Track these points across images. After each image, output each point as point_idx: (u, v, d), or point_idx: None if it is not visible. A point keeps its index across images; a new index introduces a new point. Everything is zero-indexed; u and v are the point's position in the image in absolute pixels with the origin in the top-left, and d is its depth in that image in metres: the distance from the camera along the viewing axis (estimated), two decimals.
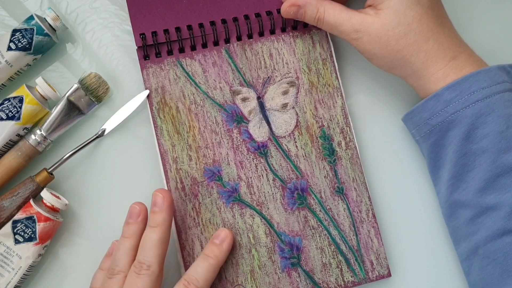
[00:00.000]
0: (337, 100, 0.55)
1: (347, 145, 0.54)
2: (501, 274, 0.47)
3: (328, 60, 0.55)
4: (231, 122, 0.53)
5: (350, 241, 0.53)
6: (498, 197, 0.47)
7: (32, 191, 0.51)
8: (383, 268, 0.53)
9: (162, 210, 0.48)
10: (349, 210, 0.53)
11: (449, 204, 0.51)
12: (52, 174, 0.52)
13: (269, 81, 0.54)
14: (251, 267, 0.52)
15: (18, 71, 0.54)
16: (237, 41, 0.54)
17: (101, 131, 0.54)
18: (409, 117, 0.53)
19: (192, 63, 0.54)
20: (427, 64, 0.50)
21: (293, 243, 0.52)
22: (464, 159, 0.49)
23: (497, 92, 0.48)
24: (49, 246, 0.53)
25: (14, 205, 0.51)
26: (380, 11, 0.50)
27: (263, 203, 0.53)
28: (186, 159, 0.53)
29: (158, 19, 0.53)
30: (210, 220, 0.52)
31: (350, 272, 0.52)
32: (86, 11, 0.57)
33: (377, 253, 0.53)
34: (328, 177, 0.53)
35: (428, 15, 0.49)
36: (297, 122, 0.54)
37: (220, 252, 0.50)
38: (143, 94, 0.54)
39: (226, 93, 0.54)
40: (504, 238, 0.47)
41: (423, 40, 0.49)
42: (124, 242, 0.48)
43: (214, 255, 0.49)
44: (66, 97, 0.53)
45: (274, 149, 0.53)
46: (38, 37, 0.53)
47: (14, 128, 0.52)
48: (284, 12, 0.53)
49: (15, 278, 0.50)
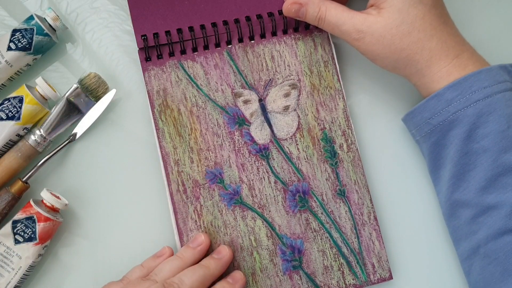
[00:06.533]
0: (338, 102, 0.55)
1: (349, 147, 0.54)
2: (502, 273, 0.47)
3: (330, 63, 0.55)
4: (232, 124, 0.53)
5: (352, 244, 0.53)
6: (499, 196, 0.48)
7: (8, 202, 0.51)
8: (385, 271, 0.53)
9: (223, 265, 0.50)
10: (350, 212, 0.53)
11: (450, 204, 0.51)
12: (27, 183, 0.52)
13: (270, 83, 0.54)
14: (253, 270, 0.52)
15: (18, 71, 0.54)
16: (239, 43, 0.54)
17: (72, 135, 0.54)
18: (409, 117, 0.53)
19: (194, 65, 0.54)
20: (431, 62, 0.50)
21: (295, 245, 0.52)
22: (465, 158, 0.49)
23: (499, 92, 0.48)
24: (49, 246, 0.53)
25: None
26: (382, 10, 0.50)
27: (264, 205, 0.53)
28: (187, 161, 0.53)
29: (160, 20, 0.53)
30: (211, 223, 0.52)
31: (351, 275, 0.52)
32: (86, 11, 0.57)
33: (378, 255, 0.53)
34: (329, 180, 0.53)
35: (431, 13, 0.50)
36: (299, 124, 0.54)
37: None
38: (110, 94, 0.54)
39: (228, 95, 0.54)
40: (505, 237, 0.47)
41: (426, 38, 0.49)
42: (176, 260, 0.49)
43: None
44: (66, 97, 0.53)
45: (276, 151, 0.53)
46: (38, 37, 0.53)
47: (14, 128, 0.52)
48: (286, 9, 0.53)
49: (15, 278, 0.50)
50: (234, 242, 0.52)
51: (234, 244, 0.52)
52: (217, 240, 0.52)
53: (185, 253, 0.50)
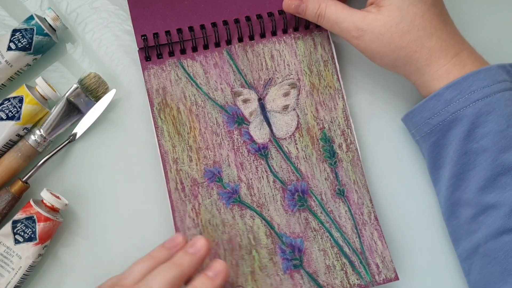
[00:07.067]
0: (338, 102, 0.55)
1: (348, 147, 0.54)
2: (501, 273, 0.47)
3: (330, 62, 0.55)
4: (232, 123, 0.53)
5: (353, 244, 0.52)
6: (498, 195, 0.48)
7: (8, 202, 0.51)
8: (390, 271, 0.52)
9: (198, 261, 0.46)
10: (350, 212, 0.53)
11: (449, 203, 0.51)
12: (27, 183, 0.52)
13: (270, 82, 0.54)
14: (252, 268, 0.52)
15: (18, 71, 0.54)
16: (239, 43, 0.54)
17: (72, 135, 0.54)
18: (409, 117, 0.53)
19: (194, 64, 0.54)
20: (431, 61, 0.50)
21: (295, 244, 0.52)
22: (465, 158, 0.49)
23: (498, 91, 0.48)
24: (49, 246, 0.53)
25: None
26: (382, 8, 0.50)
27: (263, 204, 0.52)
28: (186, 160, 0.52)
29: (160, 20, 0.53)
30: (209, 221, 0.52)
31: (355, 275, 0.52)
32: (86, 11, 0.57)
33: (382, 255, 0.52)
34: (328, 179, 0.53)
35: (430, 12, 0.50)
36: (298, 124, 0.54)
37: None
38: (110, 94, 0.54)
39: (227, 94, 0.54)
40: (504, 236, 0.47)
41: (426, 37, 0.49)
42: (146, 261, 0.46)
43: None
44: (66, 97, 0.53)
45: (275, 150, 0.53)
46: (38, 37, 0.53)
47: (14, 128, 0.52)
48: (286, 5, 0.53)
49: (15, 278, 0.50)
50: (232, 241, 0.52)
51: (232, 242, 0.52)
52: (215, 239, 0.52)
53: (159, 253, 0.47)
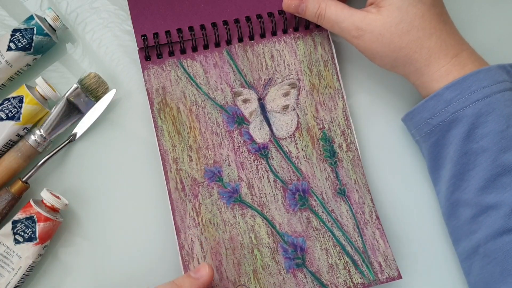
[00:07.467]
0: (338, 102, 0.55)
1: (348, 147, 0.54)
2: (501, 273, 0.47)
3: (330, 62, 0.55)
4: (232, 123, 0.53)
5: (356, 243, 0.52)
6: (498, 196, 0.48)
7: (8, 202, 0.51)
8: (393, 270, 0.52)
9: None
10: (352, 211, 0.53)
11: (450, 204, 0.51)
12: (27, 183, 0.52)
13: (270, 82, 0.54)
14: (254, 267, 0.52)
15: (18, 71, 0.54)
16: (239, 43, 0.54)
17: (72, 135, 0.54)
18: (409, 117, 0.53)
19: (194, 64, 0.54)
20: (430, 61, 0.50)
21: (297, 243, 0.52)
22: (465, 158, 0.49)
23: (498, 91, 0.48)
24: (49, 246, 0.53)
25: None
26: (382, 9, 0.50)
27: (264, 204, 0.53)
28: (186, 159, 0.53)
29: (160, 20, 0.53)
30: (210, 220, 0.52)
31: (358, 274, 0.52)
32: (86, 11, 0.57)
33: (384, 254, 0.52)
34: (329, 179, 0.53)
35: (430, 12, 0.50)
36: (298, 124, 0.54)
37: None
38: (110, 94, 0.54)
39: (227, 94, 0.54)
40: (504, 237, 0.47)
41: (425, 37, 0.49)
42: None
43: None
44: (66, 97, 0.53)
45: (275, 150, 0.53)
46: (38, 37, 0.53)
47: (14, 128, 0.52)
48: (286, 5, 0.53)
49: (15, 278, 0.50)
50: (233, 240, 0.52)
51: (234, 241, 0.52)
52: (216, 238, 0.52)
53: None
